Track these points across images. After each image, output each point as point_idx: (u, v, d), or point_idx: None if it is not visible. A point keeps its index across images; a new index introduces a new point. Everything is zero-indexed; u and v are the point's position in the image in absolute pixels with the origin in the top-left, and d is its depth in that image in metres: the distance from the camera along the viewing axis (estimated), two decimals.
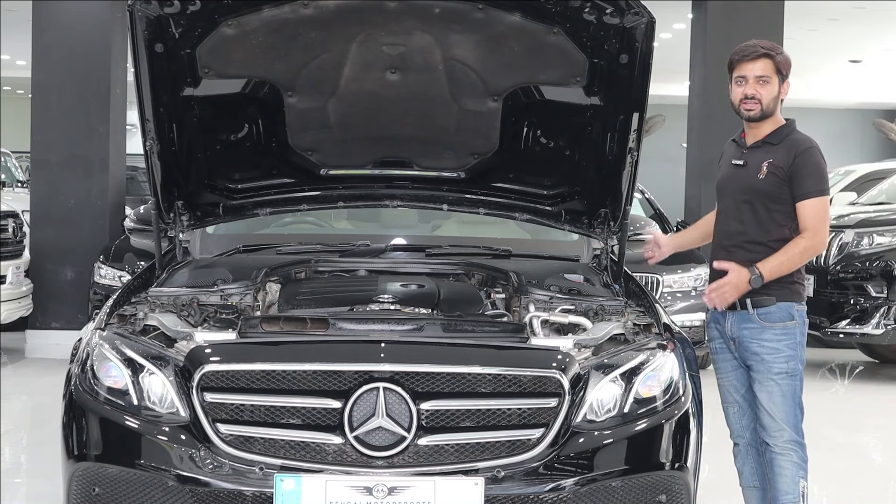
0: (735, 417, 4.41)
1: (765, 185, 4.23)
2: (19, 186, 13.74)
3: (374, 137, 4.86)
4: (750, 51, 4.27)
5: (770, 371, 4.23)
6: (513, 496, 3.64)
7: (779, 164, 4.21)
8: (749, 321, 4.25)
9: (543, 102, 4.64)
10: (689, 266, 8.85)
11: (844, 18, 15.73)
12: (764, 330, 4.23)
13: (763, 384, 4.24)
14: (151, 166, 4.51)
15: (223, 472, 3.64)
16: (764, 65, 4.23)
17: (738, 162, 4.32)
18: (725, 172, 4.39)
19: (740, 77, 4.26)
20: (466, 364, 3.73)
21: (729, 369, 4.39)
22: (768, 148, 4.27)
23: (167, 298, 4.32)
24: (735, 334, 4.29)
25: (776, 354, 4.22)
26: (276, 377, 3.70)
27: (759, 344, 4.24)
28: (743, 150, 4.33)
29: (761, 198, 4.23)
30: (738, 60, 4.28)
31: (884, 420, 8.05)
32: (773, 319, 4.23)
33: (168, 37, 4.27)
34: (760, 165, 4.24)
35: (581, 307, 4.31)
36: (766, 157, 4.25)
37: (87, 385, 3.88)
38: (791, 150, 4.23)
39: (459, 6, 4.22)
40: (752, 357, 4.26)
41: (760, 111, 4.24)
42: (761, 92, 4.22)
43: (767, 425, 4.25)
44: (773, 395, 4.23)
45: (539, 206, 4.99)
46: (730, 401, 4.41)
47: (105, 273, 8.66)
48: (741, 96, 4.25)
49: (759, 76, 4.23)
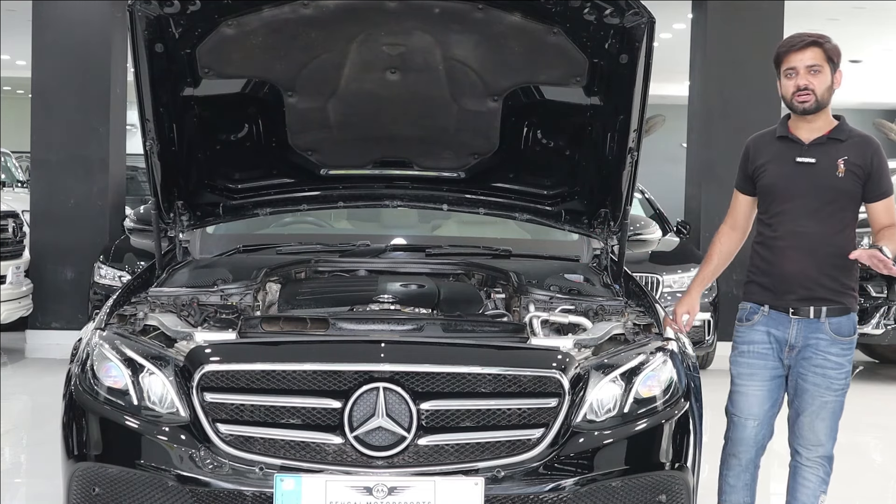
0: (751, 432, 4.15)
1: (845, 184, 4.02)
2: (19, 186, 13.75)
3: (374, 137, 4.86)
4: (797, 40, 4.04)
5: (830, 387, 4.04)
6: (513, 496, 3.64)
7: (855, 161, 4.02)
8: (819, 331, 4.04)
9: (543, 102, 4.64)
10: (689, 266, 8.84)
11: (844, 18, 15.72)
12: (833, 343, 4.03)
13: (814, 398, 4.06)
14: (151, 166, 4.51)
15: (223, 472, 3.64)
16: (814, 53, 4.02)
17: (808, 160, 4.05)
18: (787, 171, 4.08)
19: (790, 69, 4.04)
20: (466, 364, 3.73)
21: (766, 378, 4.12)
22: (836, 145, 4.05)
23: (167, 298, 4.32)
24: (798, 342, 4.06)
25: (839, 370, 4.05)
26: (276, 377, 3.70)
27: (825, 357, 4.04)
28: (802, 146, 4.08)
29: (841, 197, 4.03)
30: (785, 52, 4.05)
31: (884, 420, 8.05)
32: (844, 332, 4.05)
33: (168, 37, 4.27)
34: (835, 163, 4.02)
35: (581, 307, 4.31)
36: (837, 154, 4.04)
37: (87, 385, 3.88)
38: (865, 147, 4.05)
39: (459, 6, 4.22)
40: (813, 370, 4.05)
41: (815, 102, 4.01)
42: (814, 82, 4.01)
43: (805, 437, 4.10)
44: (823, 411, 4.07)
45: (539, 206, 4.99)
46: (751, 414, 4.14)
47: (105, 273, 8.66)
48: (793, 88, 4.03)
49: (810, 66, 4.01)
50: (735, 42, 9.94)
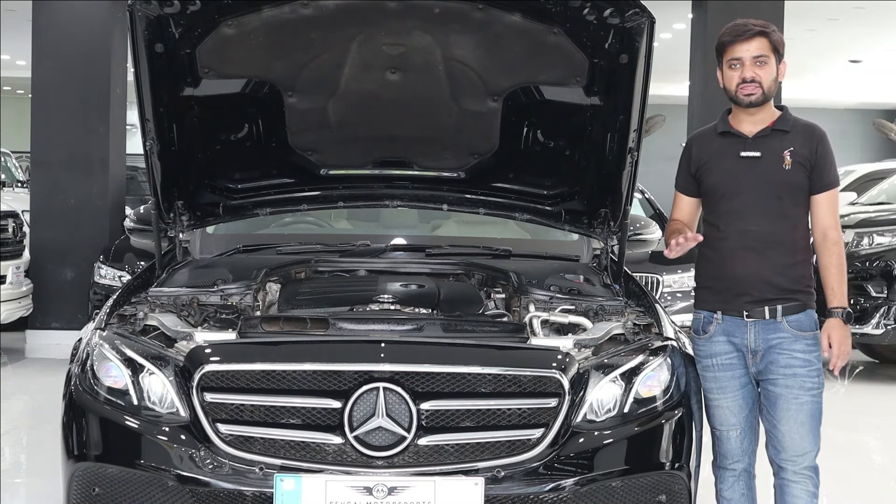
0: (736, 442, 3.99)
1: (793, 177, 3.87)
2: (19, 186, 13.75)
3: (374, 137, 4.86)
4: (743, 30, 3.87)
5: (802, 387, 3.86)
6: (513, 496, 3.63)
7: (801, 152, 3.87)
8: (778, 331, 3.88)
9: (543, 102, 4.64)
10: (689, 266, 8.83)
11: (844, 18, 15.73)
12: (796, 340, 3.87)
13: (789, 402, 3.87)
14: (151, 166, 4.51)
15: (223, 472, 3.64)
16: (760, 44, 3.86)
17: (752, 154, 3.90)
18: (731, 167, 3.93)
19: (734, 60, 3.87)
20: (466, 364, 3.73)
21: (736, 388, 3.96)
22: (781, 136, 3.90)
23: (167, 298, 4.32)
24: (759, 346, 3.90)
25: (809, 367, 3.87)
26: (276, 377, 3.70)
27: (791, 356, 3.87)
28: (745, 140, 3.93)
29: (790, 191, 3.88)
30: (729, 42, 3.88)
31: (884, 420, 8.05)
32: (805, 328, 3.89)
33: (168, 37, 4.27)
34: (781, 156, 3.87)
35: (581, 307, 4.31)
36: (782, 146, 3.88)
37: (87, 385, 3.88)
38: (810, 136, 3.90)
39: (459, 6, 4.21)
40: (781, 371, 3.88)
41: (762, 95, 3.87)
42: (760, 74, 3.85)
43: (786, 448, 3.89)
44: (800, 415, 3.87)
45: (539, 206, 4.99)
46: (730, 424, 3.98)
47: (105, 273, 8.66)
48: (738, 80, 3.87)
49: (756, 56, 3.86)
50: None
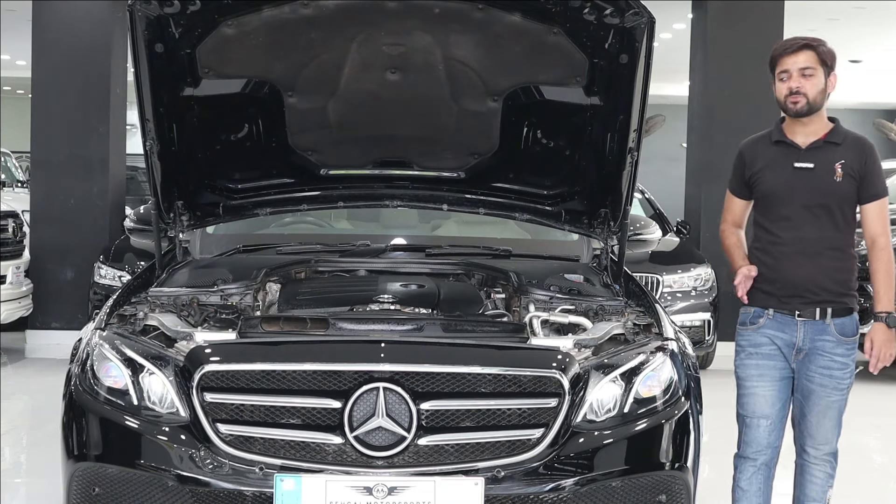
0: (764, 433, 4.18)
1: (843, 188, 4.06)
2: (19, 186, 13.76)
3: (374, 137, 4.86)
4: (791, 43, 4.09)
5: (837, 387, 4.11)
6: (513, 496, 3.64)
7: (852, 164, 4.06)
8: (825, 333, 4.10)
9: (543, 102, 4.64)
10: (689, 266, 8.85)
11: (844, 18, 15.71)
12: (838, 344, 4.10)
13: (822, 398, 4.12)
14: (151, 166, 4.51)
15: (223, 472, 3.64)
16: (806, 56, 4.06)
17: (806, 165, 4.09)
18: (786, 176, 4.11)
19: (783, 72, 4.08)
20: (466, 364, 3.73)
21: (776, 378, 4.15)
22: (833, 148, 4.10)
23: (167, 298, 4.32)
24: (805, 345, 4.11)
25: (845, 370, 4.11)
26: (276, 377, 3.69)
27: (832, 359, 4.10)
28: (799, 151, 4.12)
29: (840, 202, 4.08)
30: (779, 55, 4.10)
31: (884, 420, 8.05)
32: (848, 332, 4.12)
33: (168, 37, 4.27)
34: (833, 167, 4.07)
35: (581, 307, 4.31)
36: (834, 157, 4.08)
37: (87, 385, 3.88)
38: (860, 149, 4.10)
39: (459, 6, 4.22)
40: (819, 371, 4.11)
41: (807, 105, 4.05)
42: (805, 85, 4.04)
43: (812, 436, 4.17)
44: (829, 410, 4.14)
45: (539, 206, 4.99)
46: (762, 414, 4.17)
47: (105, 273, 8.66)
48: (786, 91, 4.07)
49: (803, 68, 4.05)
50: (735, 42, 9.93)
